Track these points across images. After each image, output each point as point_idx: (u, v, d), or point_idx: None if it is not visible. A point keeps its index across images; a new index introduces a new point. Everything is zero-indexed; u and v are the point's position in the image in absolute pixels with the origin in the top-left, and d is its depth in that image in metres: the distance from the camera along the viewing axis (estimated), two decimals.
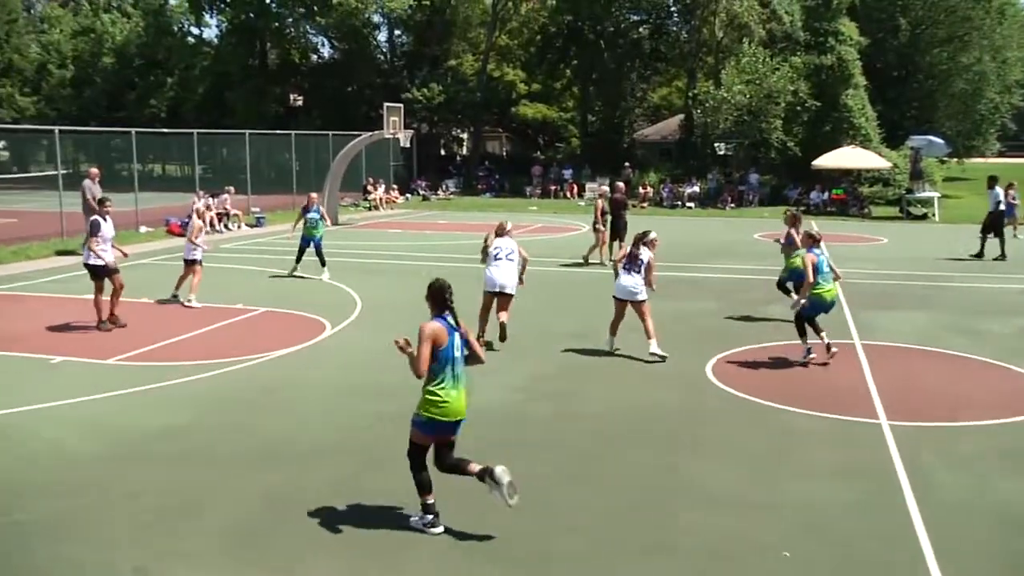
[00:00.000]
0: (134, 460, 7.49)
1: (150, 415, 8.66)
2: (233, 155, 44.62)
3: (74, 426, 8.33)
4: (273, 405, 9.13)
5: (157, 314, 13.72)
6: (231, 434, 8.17)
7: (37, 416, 8.61)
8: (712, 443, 8.05)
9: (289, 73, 51.45)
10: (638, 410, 8.97)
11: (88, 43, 55.56)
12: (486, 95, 46.74)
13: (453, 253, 20.97)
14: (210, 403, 9.10)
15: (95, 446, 7.80)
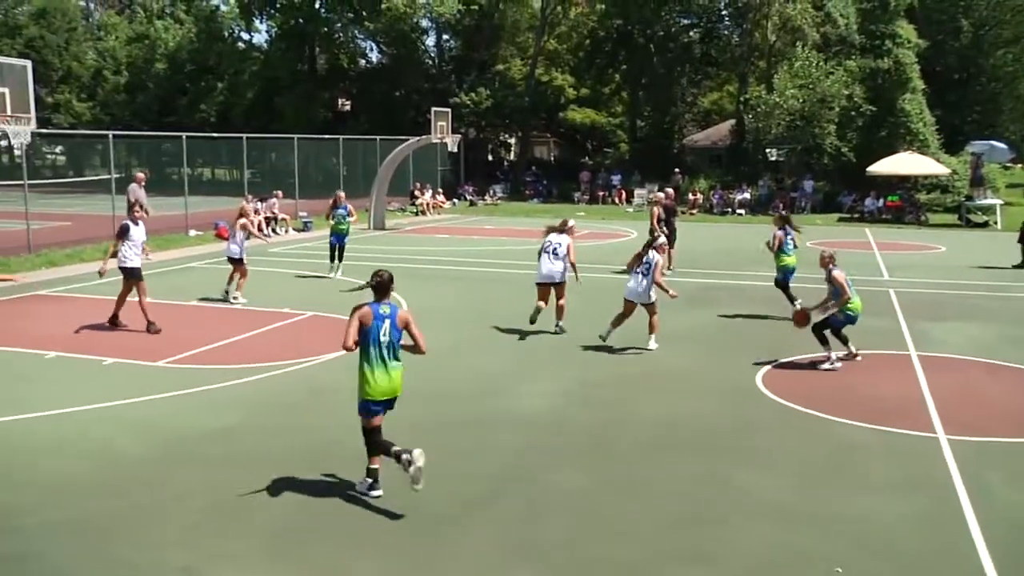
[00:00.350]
0: (183, 461, 7.63)
1: (198, 417, 8.82)
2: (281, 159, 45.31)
3: (125, 427, 8.51)
4: (320, 408, 9.23)
5: (206, 317, 13.96)
6: (278, 437, 8.28)
7: (89, 417, 8.81)
8: (762, 454, 7.96)
9: (337, 78, 52.06)
10: (687, 419, 8.90)
11: (142, 49, 56.85)
12: (534, 100, 46.82)
13: (500, 259, 21.02)
14: (257, 406, 9.23)
15: (145, 447, 7.96)
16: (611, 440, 8.29)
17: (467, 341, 12.35)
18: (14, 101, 13.89)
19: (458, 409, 9.14)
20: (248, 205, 17.27)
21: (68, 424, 8.58)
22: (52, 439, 8.14)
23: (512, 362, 11.18)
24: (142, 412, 8.99)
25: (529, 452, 7.94)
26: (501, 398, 9.54)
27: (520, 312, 14.37)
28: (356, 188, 35.43)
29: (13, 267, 18.67)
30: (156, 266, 19.61)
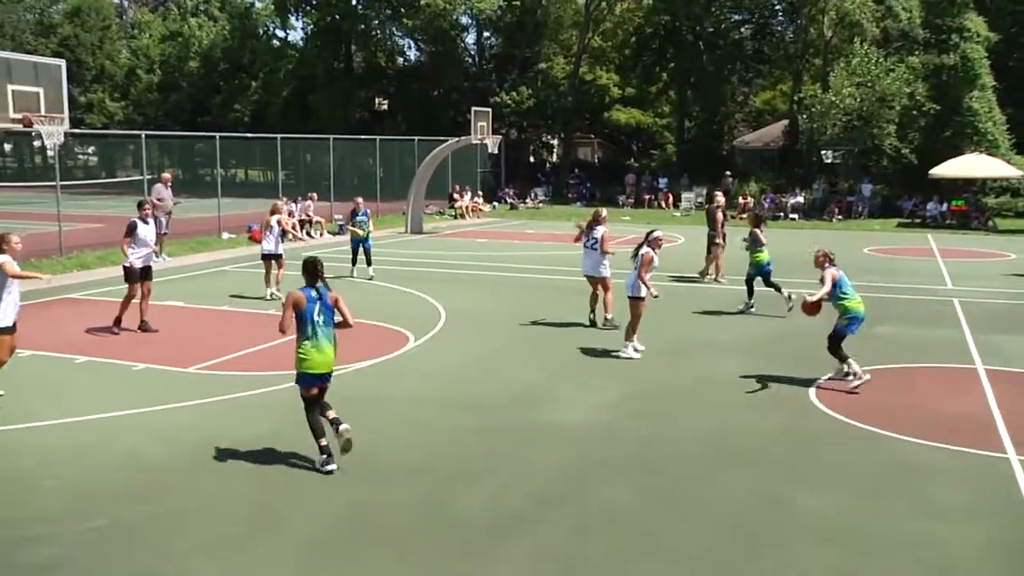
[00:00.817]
0: (212, 470, 7.70)
1: (228, 425, 8.89)
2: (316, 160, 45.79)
3: (153, 434, 8.61)
4: (354, 418, 9.23)
5: (237, 322, 14.11)
6: (311, 447, 8.31)
7: (118, 423, 8.93)
8: (817, 472, 7.82)
9: (374, 76, 52.46)
10: (738, 434, 8.79)
11: (175, 47, 57.82)
12: (578, 99, 46.80)
13: (541, 264, 21.00)
14: (290, 414, 9.27)
15: (174, 455, 8.04)
16: (659, 455, 8.21)
17: (507, 349, 12.33)
18: (48, 101, 14.17)
19: (498, 419, 9.12)
20: (280, 204, 17.62)
21: (97, 430, 8.70)
22: (81, 445, 8.26)
23: (554, 371, 11.14)
24: (171, 419, 9.09)
25: (573, 466, 7.89)
26: (543, 409, 9.50)
27: (562, 319, 14.33)
28: (393, 190, 35.69)
29: (45, 269, 19.03)
30: (188, 269, 19.90)
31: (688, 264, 20.08)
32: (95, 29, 60.15)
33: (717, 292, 17.33)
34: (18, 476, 7.49)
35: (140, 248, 13.04)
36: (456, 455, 8.13)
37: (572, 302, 16.05)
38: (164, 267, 20.17)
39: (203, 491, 7.22)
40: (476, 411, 9.40)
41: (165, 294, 16.34)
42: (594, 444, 8.46)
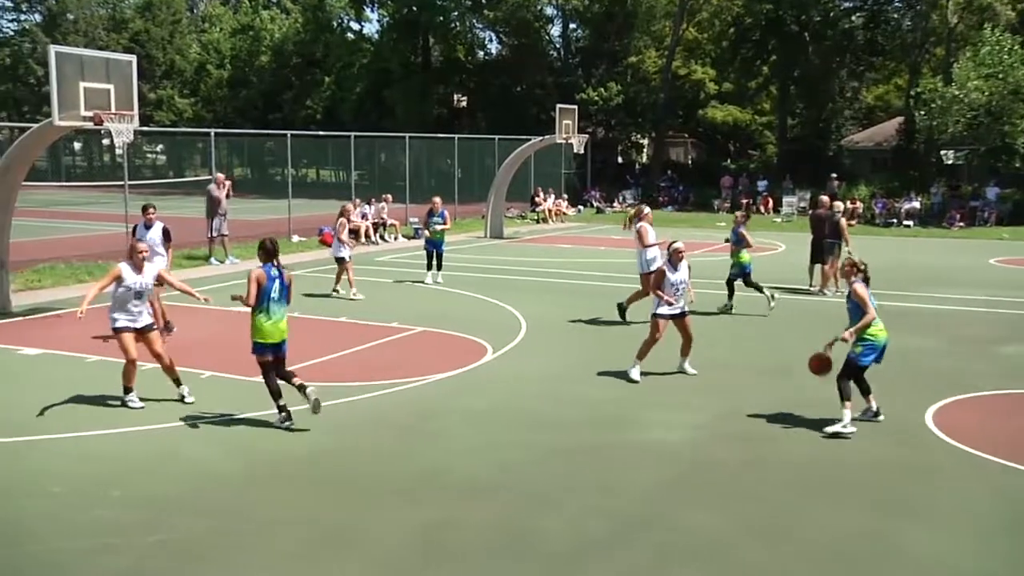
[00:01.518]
0: (277, 484, 7.88)
1: (296, 437, 9.09)
2: (391, 160, 46.48)
3: (218, 444, 8.86)
4: (429, 433, 9.38)
5: (308, 330, 14.40)
6: (382, 462, 8.45)
7: (183, 432, 9.22)
8: (931, 506, 7.62)
9: (453, 71, 53.00)
10: (842, 461, 8.61)
11: (246, 41, 59.37)
12: (670, 96, 46.53)
13: (629, 272, 20.91)
14: (361, 427, 9.45)
15: (238, 467, 8.26)
16: (753, 480, 8.11)
17: (590, 362, 12.32)
18: (118, 98, 14.67)
19: (581, 438, 9.13)
20: (349, 206, 18.12)
21: (163, 439, 8.99)
22: (147, 454, 8.55)
23: (641, 387, 11.09)
24: (237, 430, 9.34)
25: (658, 489, 7.85)
26: (628, 427, 9.47)
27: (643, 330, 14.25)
28: (471, 192, 35.99)
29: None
30: None
31: (790, 275, 19.77)
32: (166, 23, 62.22)
33: (822, 305, 17.01)
34: (87, 484, 7.79)
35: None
36: (535, 474, 8.17)
37: None
38: (228, 270, 20.72)
39: (269, 506, 7.40)
40: (557, 428, 9.42)
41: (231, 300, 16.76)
42: (682, 466, 8.40)
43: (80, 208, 38.10)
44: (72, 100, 14.12)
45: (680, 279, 11.43)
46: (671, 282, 11.35)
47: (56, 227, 29.48)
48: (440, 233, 18.78)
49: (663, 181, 45.43)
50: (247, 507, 7.36)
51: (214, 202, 22.21)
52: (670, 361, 12.16)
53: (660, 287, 11.37)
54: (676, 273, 11.41)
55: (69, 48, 15.60)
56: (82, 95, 14.19)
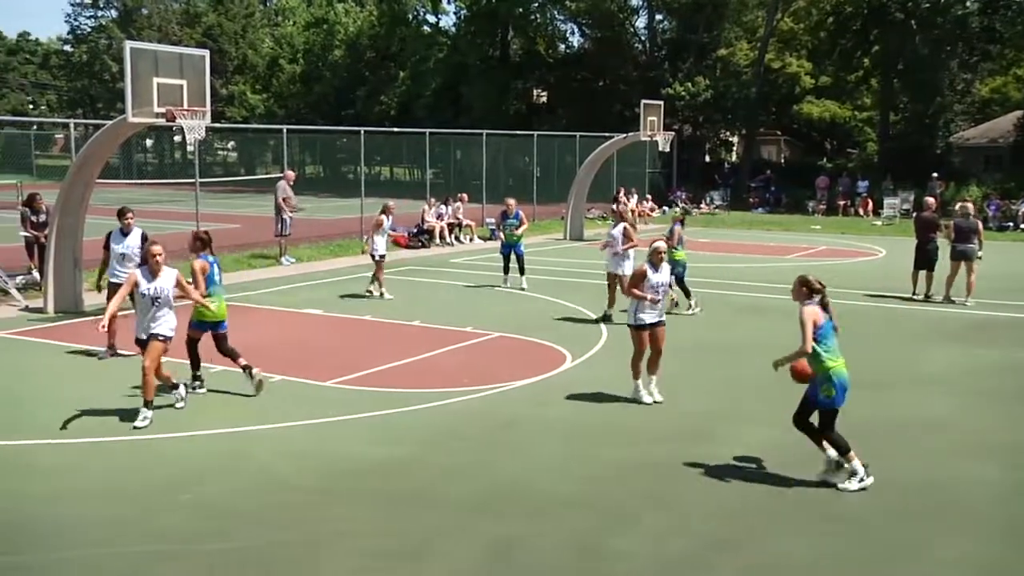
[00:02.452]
0: (348, 494, 7.97)
1: (368, 446, 9.19)
2: (467, 158, 46.74)
3: (288, 452, 9.00)
4: (504, 444, 9.40)
5: (380, 334, 14.57)
6: (456, 474, 8.50)
7: (253, 437, 9.40)
8: None
9: (533, 66, 53.10)
10: (950, 485, 8.38)
11: (320, 35, 60.38)
12: (762, 91, 45.93)
13: (716, 278, 20.71)
14: (434, 437, 9.52)
15: (308, 475, 8.38)
16: (849, 503, 7.94)
17: (675, 373, 12.20)
18: (191, 93, 15.04)
19: (664, 452, 9.05)
20: (391, 204, 18.30)
21: (233, 444, 9.18)
22: (217, 459, 8.74)
23: (729, 400, 10.96)
24: (307, 436, 9.49)
25: (747, 509, 7.74)
26: (715, 442, 9.36)
27: (739, 340, 14.09)
28: (550, 192, 36.00)
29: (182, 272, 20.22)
30: (327, 275, 20.71)
31: (892, 281, 19.36)
32: (238, 17, 63.71)
33: (928, 314, 16.61)
34: (157, 487, 7.99)
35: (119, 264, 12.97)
36: (616, 490, 8.13)
37: (749, 321, 15.77)
38: (288, 272, 21.06)
39: (337, 517, 7.49)
40: (639, 441, 9.36)
41: (303, 301, 17.08)
42: (773, 485, 8.26)
43: (151, 206, 39.11)
44: (145, 96, 14.53)
45: (660, 281, 10.83)
46: (651, 284, 10.70)
47: None
48: (516, 236, 18.74)
49: (754, 181, 44.84)
50: (316, 517, 7.47)
51: (284, 200, 22.60)
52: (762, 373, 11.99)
53: (638, 288, 10.75)
54: (657, 274, 10.78)
55: (143, 43, 16.07)
56: (155, 91, 14.59)
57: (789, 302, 13.80)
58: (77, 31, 69.23)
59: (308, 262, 22.82)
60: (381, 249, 17.72)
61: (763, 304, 17.38)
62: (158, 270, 9.78)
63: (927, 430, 9.97)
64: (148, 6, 63.89)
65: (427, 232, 26.89)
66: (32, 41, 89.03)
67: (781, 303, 17.30)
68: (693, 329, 14.93)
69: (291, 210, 22.72)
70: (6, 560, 6.67)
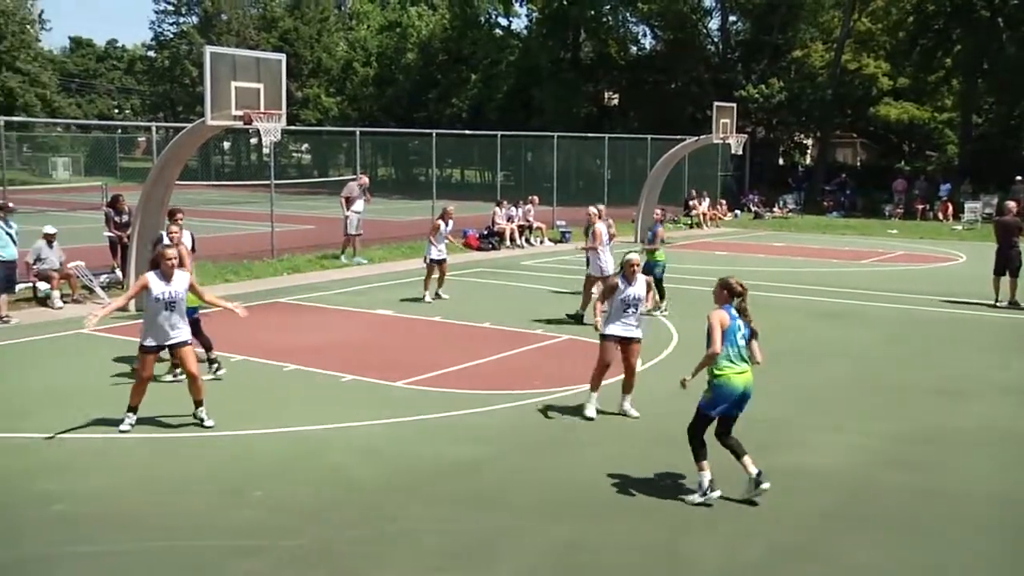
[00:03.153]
0: (418, 494, 8.03)
1: (436, 446, 9.26)
2: (538, 160, 46.85)
3: (358, 451, 9.11)
4: (575, 447, 9.39)
5: (449, 335, 14.66)
6: (527, 475, 8.51)
7: (324, 436, 9.52)
8: None
9: (604, 68, 53.02)
10: None
11: (393, 38, 61.04)
12: (838, 92, 45.22)
13: (790, 282, 20.44)
14: (504, 438, 9.55)
15: (378, 475, 8.47)
16: (925, 514, 7.77)
17: None
18: (268, 97, 15.35)
19: (732, 458, 8.95)
20: (451, 208, 18.29)
21: (303, 442, 9.31)
22: (288, 457, 8.87)
23: (802, 407, 10.81)
24: (378, 436, 9.58)
25: (818, 518, 7.63)
26: (788, 450, 9.24)
27: (811, 346, 13.89)
28: (621, 195, 35.90)
29: (257, 272, 20.61)
30: (398, 276, 20.89)
31: (973, 287, 18.92)
32: (314, 22, 64.67)
33: (1007, 321, 16.20)
34: (229, 484, 8.15)
35: None
36: (686, 494, 8.06)
37: (821, 327, 15.53)
38: (360, 273, 21.28)
39: (406, 516, 7.55)
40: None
41: (374, 302, 17.26)
42: (846, 494, 8.13)
43: (227, 207, 39.92)
44: (224, 100, 14.86)
45: (634, 295, 10.10)
46: (623, 298, 10.08)
47: (204, 226, 30.94)
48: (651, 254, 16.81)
49: (828, 185, 44.14)
50: (385, 516, 7.54)
51: (353, 202, 22.85)
52: (834, 380, 11.85)
53: (605, 301, 10.28)
54: (631, 288, 10.08)
55: (223, 48, 16.40)
56: (233, 95, 14.91)
57: (862, 308, 13.66)
58: (160, 37, 70.99)
59: (380, 263, 23.05)
60: (432, 254, 17.43)
61: (835, 310, 17.11)
62: (171, 274, 9.43)
63: (1007, 442, 9.72)
64: (227, 12, 65.20)
65: (497, 234, 26.98)
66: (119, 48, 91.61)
67: (854, 308, 17.07)
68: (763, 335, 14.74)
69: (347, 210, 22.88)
70: (89, 549, 6.86)
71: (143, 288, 9.39)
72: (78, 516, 7.44)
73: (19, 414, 10.05)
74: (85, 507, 7.62)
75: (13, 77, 58.70)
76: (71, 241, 19.35)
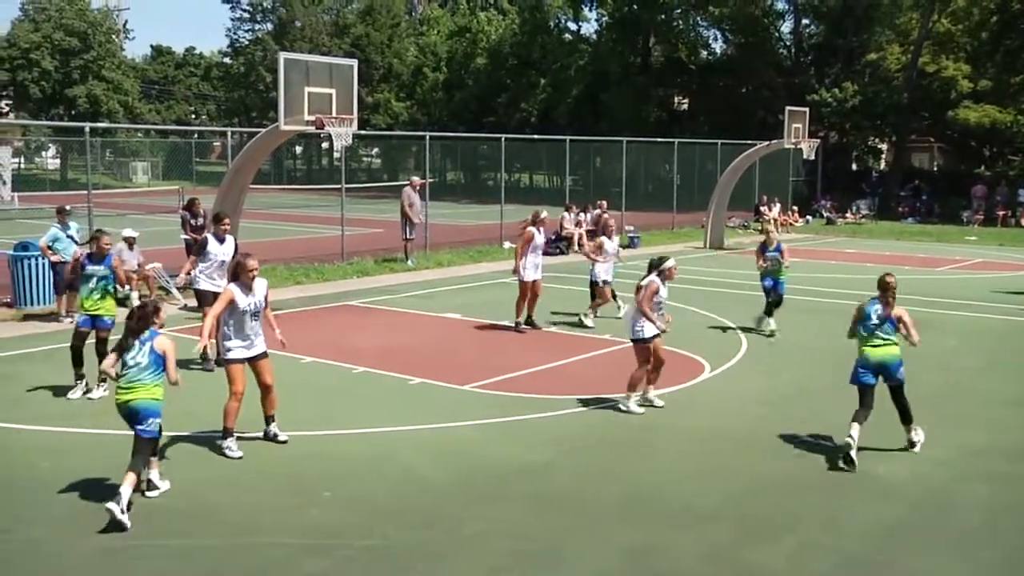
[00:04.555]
0: (488, 496, 8.10)
1: (506, 449, 9.32)
2: (607, 165, 46.75)
3: (428, 453, 9.20)
4: (641, 452, 9.39)
5: (518, 340, 14.71)
6: (593, 480, 8.53)
7: (393, 438, 9.63)
8: None
9: (674, 72, 52.74)
10: None
11: (463, 44, 61.40)
12: (915, 96, 44.33)
13: (862, 290, 20.11)
14: (572, 442, 9.58)
15: (449, 477, 8.55)
16: (1003, 527, 7.61)
17: (817, 385, 11.95)
18: (339, 102, 15.59)
19: (805, 467, 8.87)
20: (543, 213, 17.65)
21: (373, 444, 9.44)
22: (357, 458, 9.00)
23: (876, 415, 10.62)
24: (447, 439, 9.67)
25: (890, 530, 7.51)
26: (859, 458, 9.10)
27: None
28: (690, 200, 35.69)
29: (327, 274, 20.89)
30: (467, 280, 21.02)
31: None
32: (385, 27, 65.35)
33: None
34: (299, 484, 8.30)
35: (208, 269, 12.36)
36: (755, 503, 8.01)
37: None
38: (429, 277, 21.42)
39: (475, 518, 7.62)
40: (779, 455, 9.19)
41: (442, 306, 17.38)
42: (919, 506, 8.00)
43: (298, 211, 40.54)
44: (297, 105, 15.12)
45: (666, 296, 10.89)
46: (659, 300, 10.69)
47: (276, 229, 31.47)
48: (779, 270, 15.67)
49: (904, 191, 43.31)
50: (454, 518, 7.62)
51: (409, 207, 23.02)
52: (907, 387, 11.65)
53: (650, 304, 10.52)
54: (665, 289, 10.81)
55: (296, 54, 16.71)
56: (306, 100, 15.17)
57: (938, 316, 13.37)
58: (236, 44, 72.27)
59: (448, 267, 23.19)
60: (530, 272, 15.17)
61: None
62: (252, 284, 9.08)
63: None
64: (301, 18, 66.19)
65: (566, 239, 26.99)
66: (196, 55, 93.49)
67: (930, 317, 16.71)
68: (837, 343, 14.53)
69: (415, 218, 23.15)
70: (167, 543, 7.05)
71: (230, 303, 8.97)
72: (165, 509, 7.64)
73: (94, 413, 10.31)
74: (173, 502, 7.82)
75: (99, 85, 60.48)
76: (149, 243, 19.82)
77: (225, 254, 12.24)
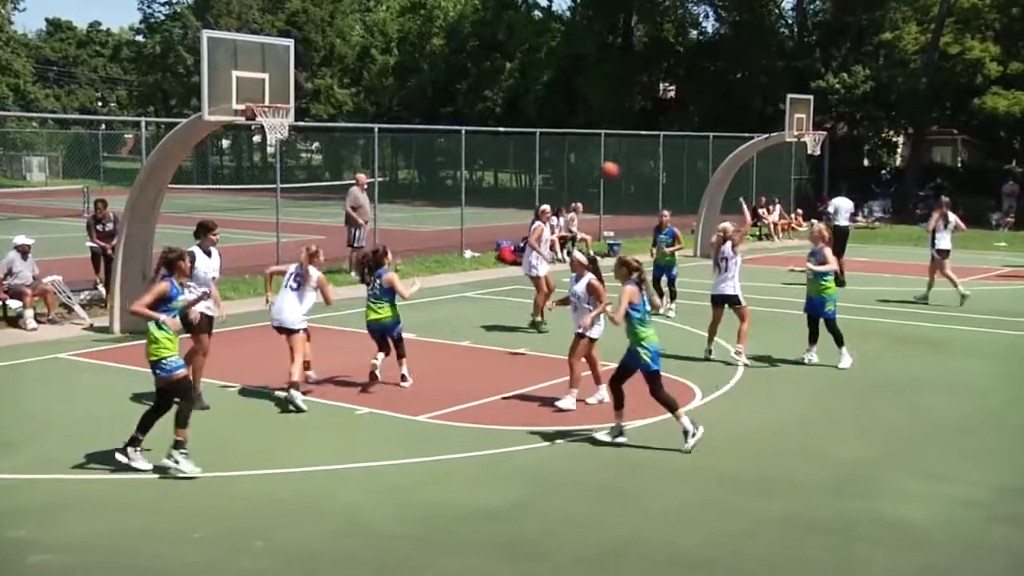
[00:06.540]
0: (447, 544, 8.07)
1: (468, 490, 9.30)
2: (583, 162, 46.92)
3: (376, 494, 9.17)
4: (622, 492, 9.40)
5: (478, 363, 14.71)
6: (568, 525, 8.53)
7: (337, 477, 9.59)
8: None
9: (660, 55, 53.01)
10: None
11: (416, 22, 61.33)
12: (935, 81, 44.83)
13: (874, 304, 20.32)
14: (542, 482, 9.57)
15: (400, 521, 8.52)
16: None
17: (823, 414, 12.05)
18: (273, 88, 15.45)
19: (812, 507, 8.93)
20: (547, 208, 18.12)
21: (313, 485, 9.39)
22: (294, 502, 8.94)
23: (890, 448, 10.74)
24: (399, 477, 9.64)
25: None
26: (873, 498, 9.18)
27: (901, 377, 13.80)
28: (678, 201, 35.74)
29: (259, 288, 20.73)
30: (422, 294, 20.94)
31: None
32: (326, 3, 65.18)
33: None
34: (225, 532, 8.24)
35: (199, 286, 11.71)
36: (750, 548, 8.04)
37: (919, 357, 15.42)
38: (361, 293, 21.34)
39: (432, 567, 7.60)
40: (782, 495, 9.24)
41: None
42: (944, 552, 8.07)
43: (226, 215, 40.26)
44: (223, 92, 14.98)
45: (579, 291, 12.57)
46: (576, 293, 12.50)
47: None
48: (668, 256, 18.57)
49: (922, 190, 43.76)
50: (408, 569, 7.59)
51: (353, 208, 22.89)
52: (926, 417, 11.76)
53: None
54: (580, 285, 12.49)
55: (222, 32, 16.60)
56: (234, 86, 15.04)
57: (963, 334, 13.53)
58: (150, 19, 71.74)
59: (401, 279, 23.05)
60: (543, 267, 17.18)
61: (932, 336, 16.96)
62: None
63: None
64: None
65: None
66: (103, 32, 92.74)
67: (954, 335, 16.89)
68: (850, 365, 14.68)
69: (362, 219, 23.01)
70: None
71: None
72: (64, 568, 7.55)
73: None
74: (72, 557, 7.73)
75: None
76: (47, 253, 19.61)
77: (215, 269, 12.27)
